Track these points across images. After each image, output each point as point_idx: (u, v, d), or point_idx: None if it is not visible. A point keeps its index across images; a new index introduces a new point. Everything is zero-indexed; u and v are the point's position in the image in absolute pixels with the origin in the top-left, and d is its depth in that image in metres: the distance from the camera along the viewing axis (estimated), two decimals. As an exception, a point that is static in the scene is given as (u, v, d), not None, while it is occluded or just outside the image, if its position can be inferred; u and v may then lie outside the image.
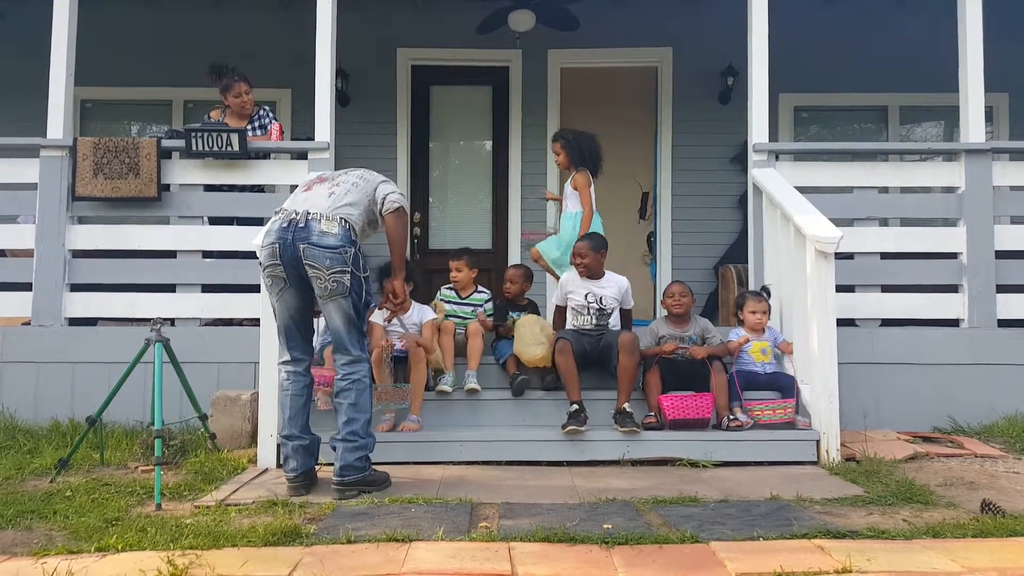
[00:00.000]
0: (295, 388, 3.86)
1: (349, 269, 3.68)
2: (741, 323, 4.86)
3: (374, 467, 3.80)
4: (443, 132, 7.76)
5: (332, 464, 3.73)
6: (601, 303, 4.73)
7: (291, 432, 3.79)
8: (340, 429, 3.73)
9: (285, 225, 3.71)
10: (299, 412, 3.83)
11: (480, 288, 5.18)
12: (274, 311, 3.88)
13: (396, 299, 3.98)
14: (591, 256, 4.76)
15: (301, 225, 3.67)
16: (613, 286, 4.81)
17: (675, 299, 4.79)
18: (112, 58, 7.03)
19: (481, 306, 5.09)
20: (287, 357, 3.89)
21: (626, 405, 4.43)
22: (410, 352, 4.48)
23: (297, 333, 3.86)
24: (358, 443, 3.71)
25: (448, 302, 5.09)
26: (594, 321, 4.70)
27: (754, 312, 4.79)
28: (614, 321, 4.81)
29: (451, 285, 5.14)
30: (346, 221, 3.72)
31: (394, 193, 3.86)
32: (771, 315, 4.89)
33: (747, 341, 4.71)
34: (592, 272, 4.78)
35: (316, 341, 4.24)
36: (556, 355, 4.50)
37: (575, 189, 5.44)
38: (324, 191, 3.84)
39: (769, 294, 4.94)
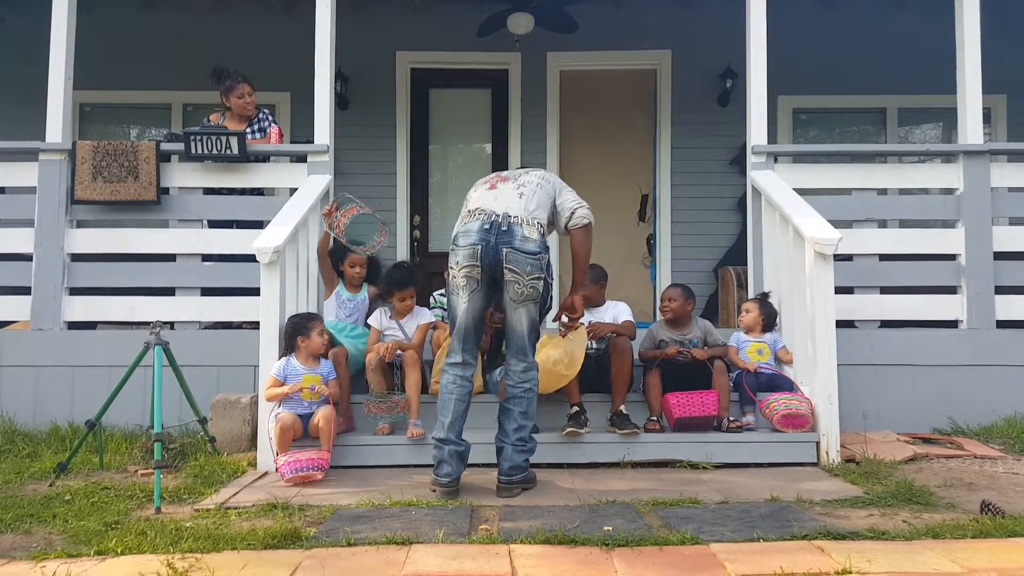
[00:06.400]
0: (459, 393, 3.81)
1: (543, 276, 3.75)
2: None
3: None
4: (442, 135, 7.77)
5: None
6: None
7: (447, 436, 3.73)
8: (510, 434, 3.80)
9: (487, 227, 3.73)
10: (459, 417, 3.79)
11: None
12: (455, 311, 3.83)
13: (574, 314, 4.05)
14: (589, 288, 4.71)
15: (504, 228, 3.71)
16: (610, 313, 4.78)
17: (664, 303, 4.80)
18: (111, 62, 7.04)
19: None
20: (458, 359, 3.83)
21: (622, 407, 4.42)
22: (403, 358, 4.46)
23: (474, 335, 3.86)
24: (527, 447, 3.82)
25: (443, 308, 4.96)
26: (594, 345, 4.66)
27: (748, 311, 4.82)
28: None
29: (443, 291, 4.96)
30: (541, 226, 3.79)
31: (581, 208, 3.88)
32: (772, 321, 4.87)
33: (754, 368, 4.65)
34: (591, 302, 4.75)
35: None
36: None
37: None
38: (512, 190, 3.87)
39: (767, 298, 4.93)
